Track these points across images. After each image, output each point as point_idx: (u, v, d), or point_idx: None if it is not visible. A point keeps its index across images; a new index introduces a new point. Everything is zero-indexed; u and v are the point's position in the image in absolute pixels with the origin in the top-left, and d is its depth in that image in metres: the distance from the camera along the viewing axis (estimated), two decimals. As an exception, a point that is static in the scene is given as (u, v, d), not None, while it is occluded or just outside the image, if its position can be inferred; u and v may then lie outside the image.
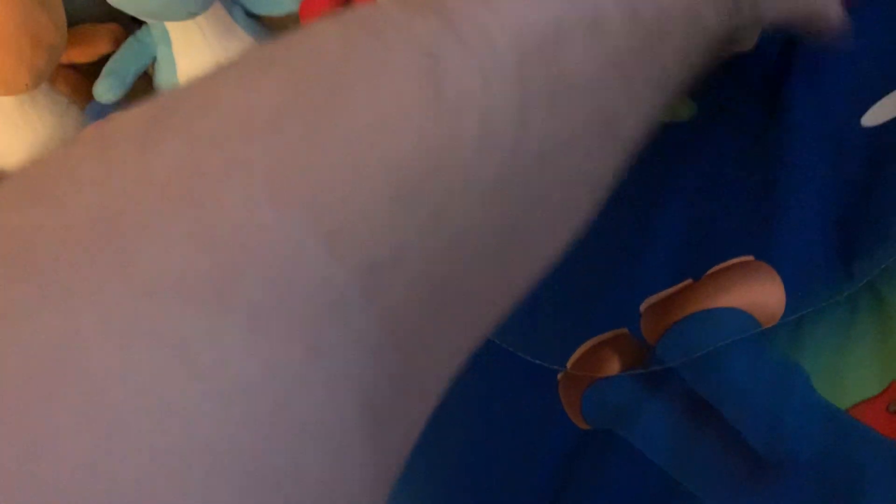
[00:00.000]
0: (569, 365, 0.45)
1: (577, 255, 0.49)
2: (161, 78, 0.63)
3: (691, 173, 0.53)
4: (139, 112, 0.17)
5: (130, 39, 0.63)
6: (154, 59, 0.62)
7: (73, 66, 0.67)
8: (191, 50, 0.61)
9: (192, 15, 0.59)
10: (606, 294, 0.48)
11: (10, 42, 0.51)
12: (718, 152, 0.55)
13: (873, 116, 0.53)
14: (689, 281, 0.47)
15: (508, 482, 0.42)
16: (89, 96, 0.65)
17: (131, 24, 0.65)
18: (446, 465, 0.43)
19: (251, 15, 0.63)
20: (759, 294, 0.46)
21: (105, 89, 0.61)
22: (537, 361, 0.46)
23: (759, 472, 0.38)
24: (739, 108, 0.58)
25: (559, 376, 0.45)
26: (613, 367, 0.44)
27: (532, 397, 0.44)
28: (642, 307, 0.47)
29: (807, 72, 0.56)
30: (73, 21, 0.63)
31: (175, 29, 0.61)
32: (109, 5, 0.62)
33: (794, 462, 0.39)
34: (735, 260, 0.47)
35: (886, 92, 0.53)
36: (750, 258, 0.47)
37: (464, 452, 0.43)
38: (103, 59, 0.64)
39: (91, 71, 0.65)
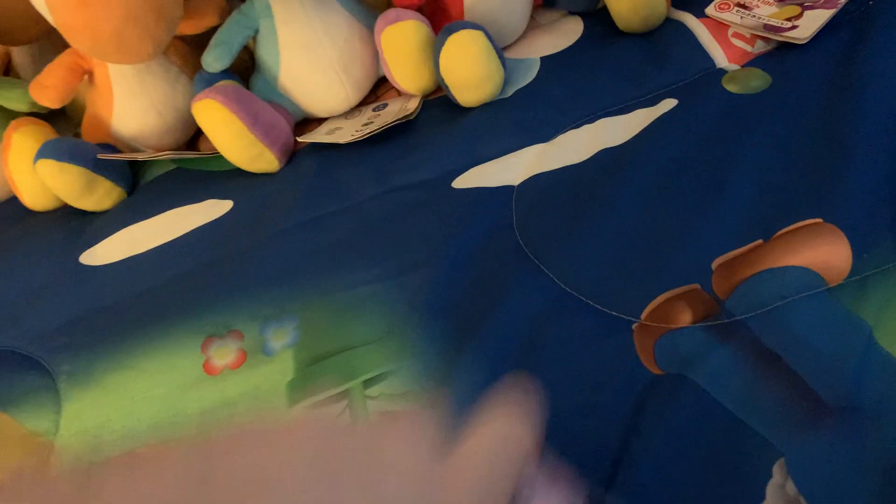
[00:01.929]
0: (643, 316, 0.49)
1: (652, 214, 0.53)
2: (262, 49, 0.68)
3: (764, 140, 0.56)
4: None
5: (235, 13, 0.68)
6: (257, 31, 0.67)
7: (182, 38, 0.73)
8: (291, 22, 0.66)
9: (291, -11, 0.64)
10: (680, 251, 0.51)
11: (138, 15, 0.56)
12: (791, 121, 0.57)
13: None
14: (759, 241, 0.50)
15: (585, 416, 0.45)
16: (197, 66, 0.71)
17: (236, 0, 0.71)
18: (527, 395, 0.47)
19: (346, -11, 0.68)
20: (827, 254, 0.48)
21: (213, 59, 0.67)
22: (614, 313, 0.50)
23: (821, 414, 0.42)
24: (812, 80, 0.60)
25: (634, 326, 0.48)
26: (686, 318, 0.48)
27: (608, 345, 0.48)
28: (714, 264, 0.50)
29: (880, 50, 0.58)
30: (182, -5, 0.69)
31: (277, 3, 0.66)
32: (216, -19, 0.67)
33: (856, 407, 0.42)
34: (804, 222, 0.50)
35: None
36: (818, 220, 0.50)
37: (545, 385, 0.47)
38: (210, 32, 0.69)
39: (198, 42, 0.71)
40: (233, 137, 0.64)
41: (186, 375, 0.54)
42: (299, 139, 0.68)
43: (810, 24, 0.64)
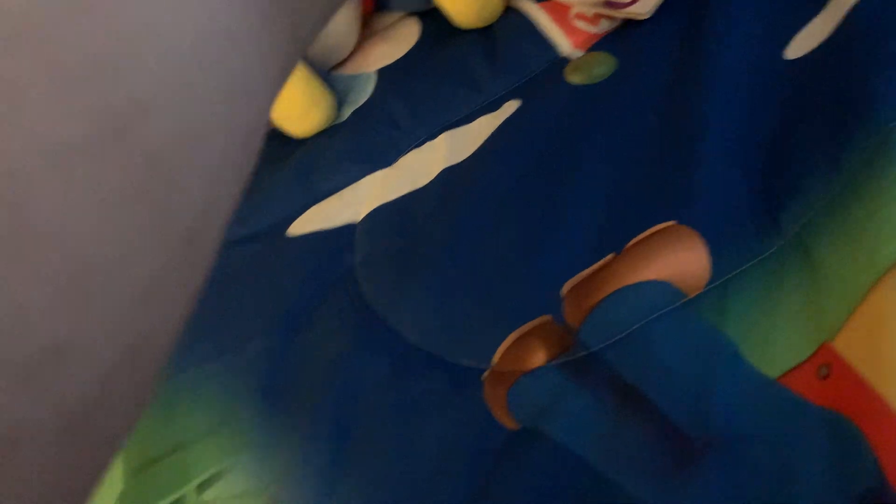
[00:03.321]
0: (495, 361, 0.43)
1: (495, 242, 0.47)
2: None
3: (610, 137, 0.51)
4: None
5: None
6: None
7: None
8: None
9: None
10: (527, 279, 0.46)
11: None
12: (637, 111, 0.52)
13: (797, 47, 0.50)
14: (611, 256, 0.45)
15: (434, 486, 0.40)
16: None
17: None
18: (372, 470, 0.42)
19: None
20: (684, 262, 0.43)
21: None
22: (462, 363, 0.44)
23: (686, 455, 0.37)
24: (657, 64, 0.55)
25: (483, 377, 0.43)
26: (539, 357, 0.43)
27: (457, 401, 0.43)
28: (564, 290, 0.45)
29: (724, 9, 0.53)
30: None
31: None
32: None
33: (723, 439, 0.37)
34: (657, 227, 0.45)
35: (808, 20, 0.50)
36: (672, 223, 0.45)
37: (390, 457, 0.42)
38: None
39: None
40: None
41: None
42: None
43: (651, -5, 0.58)
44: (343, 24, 0.64)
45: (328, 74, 0.59)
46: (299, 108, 0.57)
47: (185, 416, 0.48)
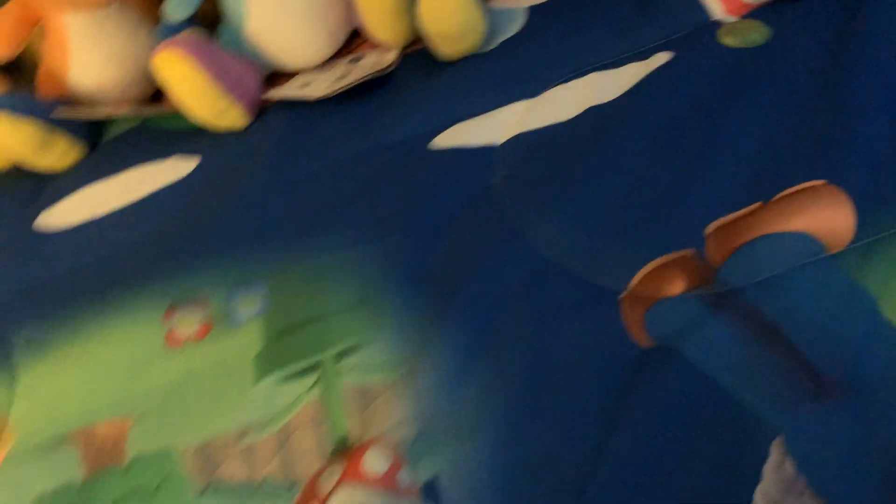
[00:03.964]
0: (632, 285, 0.46)
1: (643, 177, 0.49)
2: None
3: (764, 97, 0.53)
4: None
5: (198, -44, 0.63)
6: (222, -22, 0.63)
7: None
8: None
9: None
10: (672, 215, 0.48)
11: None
12: (792, 78, 0.54)
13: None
14: (758, 204, 0.47)
15: (565, 389, 0.43)
16: (159, 16, 0.66)
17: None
18: (505, 364, 0.44)
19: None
20: (829, 219, 0.45)
21: (174, 7, 0.62)
22: (597, 282, 0.46)
23: (822, 390, 0.39)
24: (815, 33, 0.56)
25: (621, 297, 0.45)
26: (678, 286, 0.45)
27: (593, 317, 0.45)
28: (708, 230, 0.47)
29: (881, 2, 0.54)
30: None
31: (242, -53, 0.61)
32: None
33: (858, 382, 0.39)
34: (806, 184, 0.47)
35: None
36: (821, 182, 0.47)
37: (522, 357, 0.44)
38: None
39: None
40: (197, 92, 0.60)
41: (148, 347, 0.51)
42: (267, 95, 0.64)
43: (812, -28, 0.60)
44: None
45: (483, 4, 0.61)
46: (458, 31, 0.59)
47: (326, 291, 0.51)
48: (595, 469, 0.40)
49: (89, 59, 0.64)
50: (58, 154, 0.65)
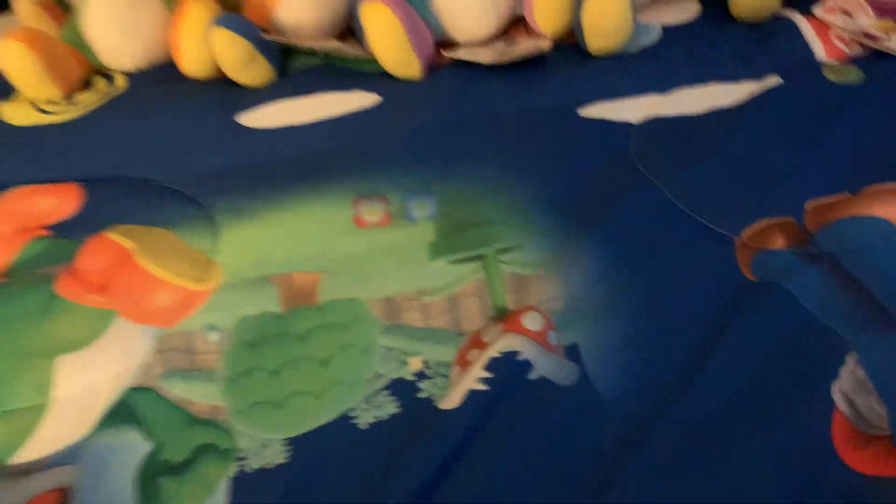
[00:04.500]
0: (743, 235, 0.58)
1: (757, 158, 0.62)
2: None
3: (858, 119, 0.66)
4: None
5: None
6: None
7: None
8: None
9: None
10: (779, 189, 0.61)
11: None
12: (882, 110, 0.67)
13: None
14: (847, 194, 0.60)
15: (686, 306, 0.55)
16: None
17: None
18: (639, 285, 0.56)
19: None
20: (905, 211, 0.58)
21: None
22: (716, 228, 0.59)
23: (888, 325, 0.51)
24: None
25: (736, 240, 0.57)
26: (780, 242, 0.57)
27: (712, 251, 0.57)
28: (807, 206, 0.59)
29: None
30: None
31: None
32: None
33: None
34: (888, 184, 0.60)
35: None
36: (899, 185, 0.59)
37: (654, 280, 0.56)
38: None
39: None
40: (391, 40, 0.73)
41: (339, 223, 0.63)
42: (447, 53, 0.77)
43: (904, 38, 0.73)
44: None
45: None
46: (613, 29, 0.73)
47: (487, 206, 0.63)
48: (705, 358, 0.52)
49: (123, 43, 0.78)
50: (256, 73, 0.77)
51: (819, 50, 0.75)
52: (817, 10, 0.78)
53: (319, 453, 0.51)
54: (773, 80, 0.72)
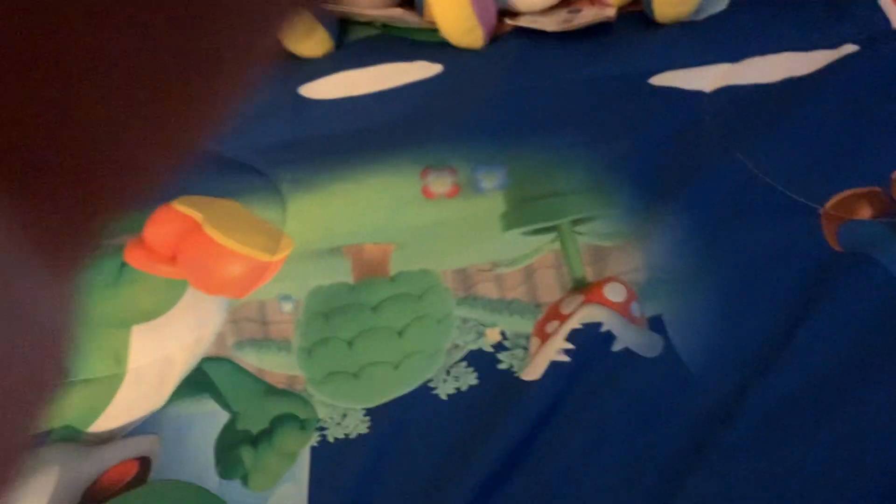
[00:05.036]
0: (828, 205, 0.56)
1: (839, 127, 0.60)
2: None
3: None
4: None
5: None
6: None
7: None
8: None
9: None
10: (864, 160, 0.59)
11: None
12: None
13: None
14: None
15: (773, 280, 0.53)
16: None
17: None
18: (717, 251, 0.55)
19: None
20: None
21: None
22: (800, 198, 0.57)
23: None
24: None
25: (821, 210, 0.56)
26: (866, 213, 0.55)
27: (795, 223, 0.56)
28: (893, 175, 0.57)
29: None
30: None
31: None
32: None
33: None
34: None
35: None
36: None
37: (738, 253, 0.55)
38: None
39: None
40: (455, 9, 0.71)
41: (407, 194, 0.62)
42: (510, 21, 0.75)
43: None
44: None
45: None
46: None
47: (559, 176, 0.61)
48: (794, 332, 0.50)
49: None
50: (315, 42, 0.76)
51: (895, 19, 0.72)
52: (893, -23, 0.75)
53: (400, 423, 0.50)
54: (850, 49, 0.69)
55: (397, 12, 0.77)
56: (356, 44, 0.80)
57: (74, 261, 0.12)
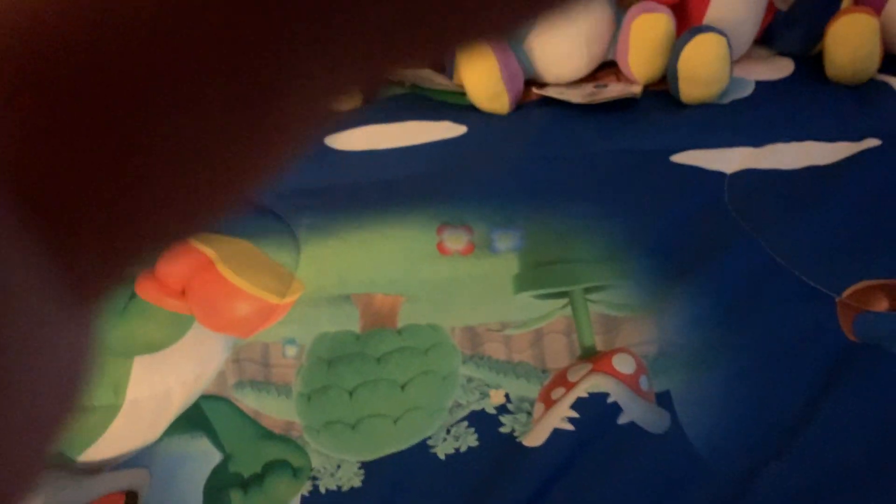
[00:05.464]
0: (845, 294, 0.56)
1: (858, 219, 0.60)
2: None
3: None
4: None
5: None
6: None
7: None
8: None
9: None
10: (882, 251, 0.58)
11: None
12: None
13: None
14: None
15: (788, 367, 0.52)
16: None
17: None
18: (738, 342, 0.54)
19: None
20: None
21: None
22: (817, 286, 0.57)
23: None
24: None
25: (838, 300, 0.55)
26: (883, 305, 0.55)
27: (810, 311, 0.55)
28: (912, 269, 0.57)
29: None
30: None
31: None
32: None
33: None
34: None
35: None
36: None
37: (754, 336, 0.54)
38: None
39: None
40: (485, 73, 0.73)
41: (422, 248, 0.62)
42: (536, 90, 0.77)
43: None
44: (748, 34, 0.79)
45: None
46: (709, 78, 0.72)
47: (575, 244, 0.61)
48: (807, 421, 0.49)
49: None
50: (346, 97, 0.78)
51: (919, 113, 0.73)
52: (918, 76, 0.76)
53: (395, 480, 0.49)
54: (871, 142, 0.70)
55: (427, 72, 0.79)
56: (385, 100, 0.81)
57: (101, 294, 0.12)
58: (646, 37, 0.74)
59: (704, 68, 0.71)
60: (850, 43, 0.75)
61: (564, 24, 0.75)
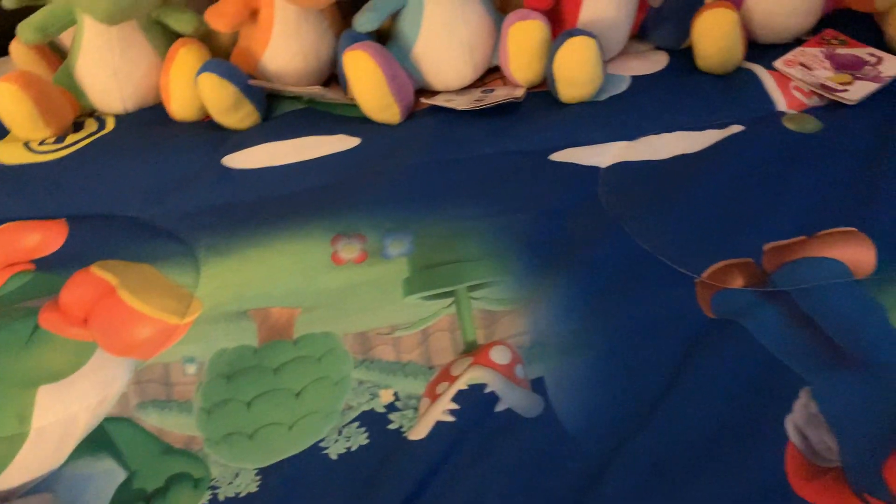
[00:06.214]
0: (704, 275, 0.60)
1: (719, 203, 0.65)
2: (404, 21, 0.80)
3: (814, 165, 0.69)
4: None
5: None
6: (404, 6, 0.80)
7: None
8: (441, 2, 0.78)
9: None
10: (739, 233, 0.63)
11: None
12: (836, 156, 0.70)
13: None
14: (803, 237, 0.62)
15: (650, 345, 0.57)
16: (341, 25, 0.83)
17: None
18: (598, 317, 0.58)
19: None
20: (857, 254, 0.61)
21: (365, 21, 0.79)
22: (678, 268, 0.61)
23: (843, 361, 0.53)
24: (856, 134, 0.73)
25: (696, 280, 0.60)
26: (738, 282, 0.60)
27: (673, 292, 0.60)
28: (765, 247, 0.62)
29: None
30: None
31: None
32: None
33: (871, 363, 0.53)
34: (842, 228, 0.62)
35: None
36: (853, 229, 0.62)
37: (619, 318, 0.59)
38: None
39: (343, 6, 0.84)
40: (372, 87, 0.76)
41: (317, 260, 0.65)
42: (425, 100, 0.80)
43: (860, 90, 0.77)
44: (621, 33, 0.84)
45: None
46: (583, 79, 0.76)
47: (461, 245, 0.65)
48: (667, 394, 0.53)
49: (284, 47, 0.81)
50: (241, 116, 0.80)
51: (780, 100, 0.79)
52: (778, 64, 0.82)
53: (290, 483, 0.52)
54: (736, 129, 0.75)
55: (318, 90, 0.82)
56: (282, 117, 0.84)
57: None
58: (522, 43, 0.78)
59: (578, 70, 0.76)
60: (713, 35, 0.80)
61: (446, 33, 0.79)
